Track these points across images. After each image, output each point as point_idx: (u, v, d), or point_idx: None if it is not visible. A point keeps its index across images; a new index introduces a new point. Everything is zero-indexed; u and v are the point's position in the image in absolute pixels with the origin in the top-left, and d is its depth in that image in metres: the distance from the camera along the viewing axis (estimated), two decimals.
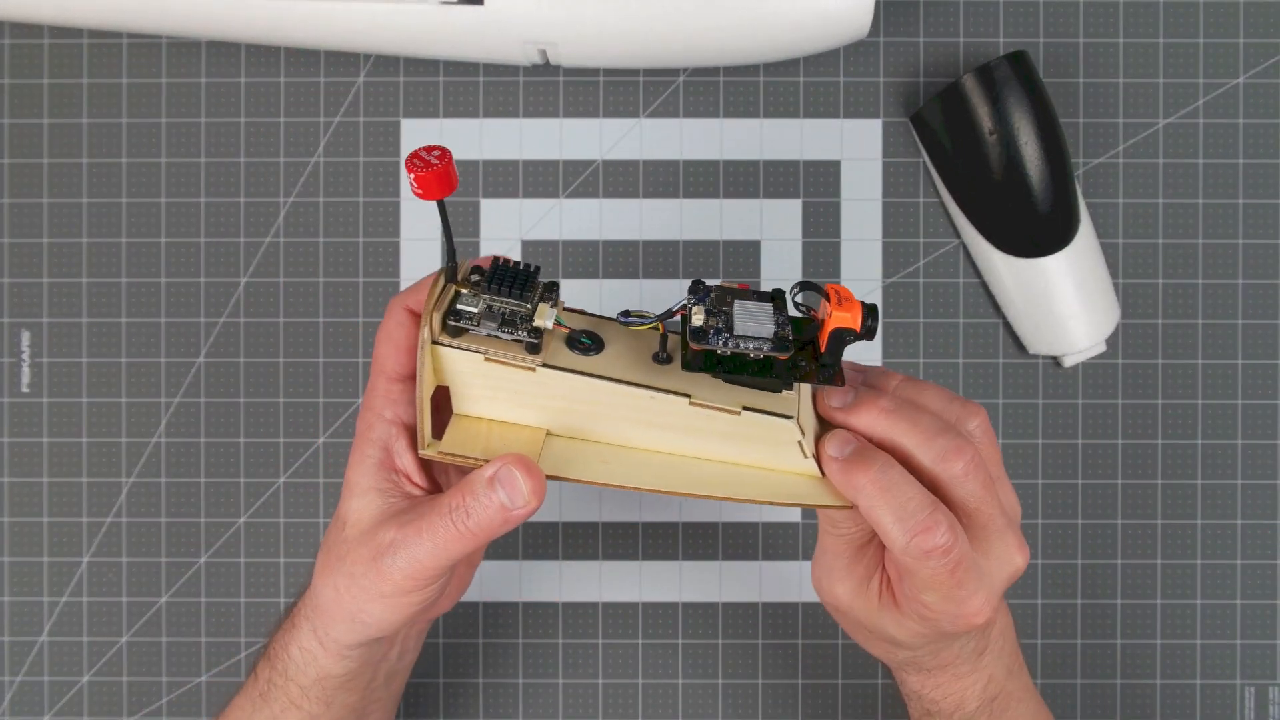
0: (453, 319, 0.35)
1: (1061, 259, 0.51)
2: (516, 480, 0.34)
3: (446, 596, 0.42)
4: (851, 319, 0.33)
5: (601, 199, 0.55)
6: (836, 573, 0.39)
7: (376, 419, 0.38)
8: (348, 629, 0.38)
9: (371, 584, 0.36)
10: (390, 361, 0.37)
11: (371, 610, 0.37)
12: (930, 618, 0.36)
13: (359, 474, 0.37)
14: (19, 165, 0.55)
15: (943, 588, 0.35)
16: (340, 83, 0.55)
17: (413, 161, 0.32)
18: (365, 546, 0.36)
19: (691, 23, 0.48)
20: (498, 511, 0.34)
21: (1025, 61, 0.50)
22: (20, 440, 0.54)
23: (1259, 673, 0.54)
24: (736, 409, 0.35)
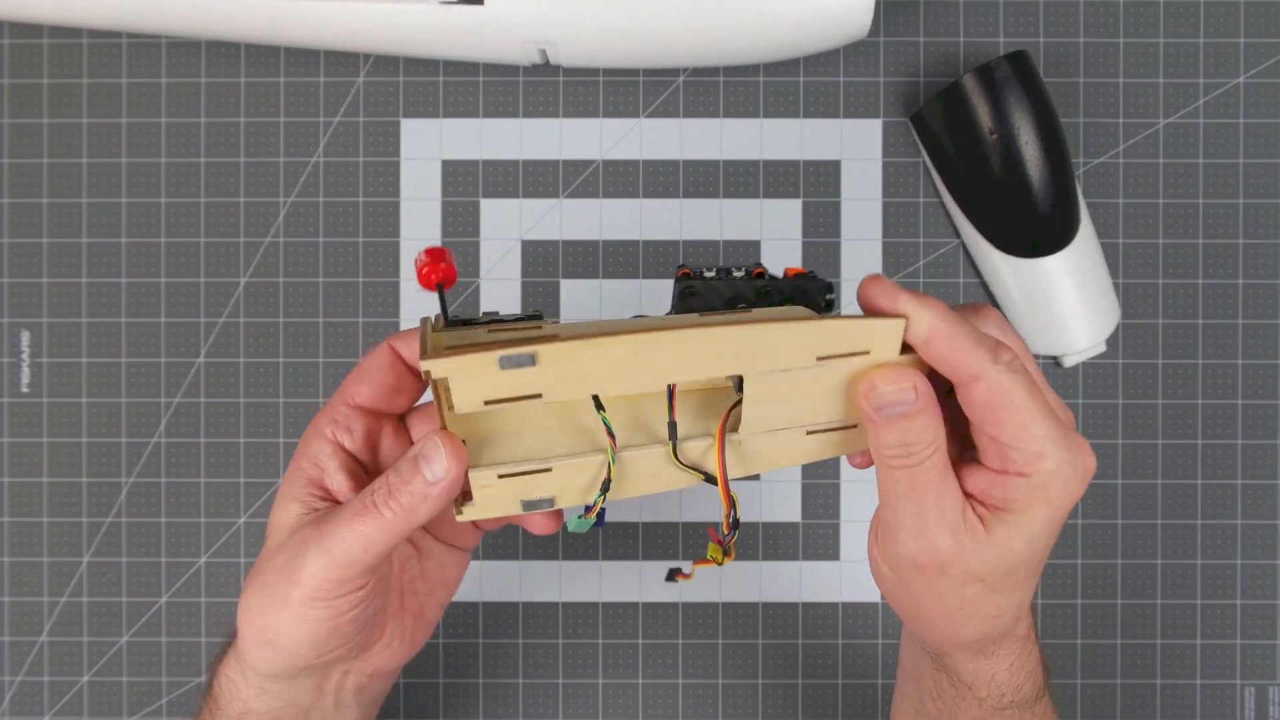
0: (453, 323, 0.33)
1: (1061, 259, 0.51)
2: (437, 452, 0.32)
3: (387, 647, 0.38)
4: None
5: (601, 199, 0.55)
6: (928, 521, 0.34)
7: (315, 436, 0.36)
8: (259, 653, 0.35)
9: (282, 590, 0.33)
10: (354, 389, 0.36)
11: (279, 624, 0.34)
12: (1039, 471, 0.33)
13: (286, 485, 0.36)
14: (19, 165, 0.55)
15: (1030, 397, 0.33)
16: (340, 83, 0.55)
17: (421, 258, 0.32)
18: (281, 553, 0.34)
19: (691, 23, 0.48)
20: (420, 485, 0.32)
21: (1025, 61, 0.50)
22: (20, 440, 0.54)
23: (1259, 673, 0.54)
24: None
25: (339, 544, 0.32)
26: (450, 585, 0.40)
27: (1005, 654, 0.38)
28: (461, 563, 0.40)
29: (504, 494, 0.33)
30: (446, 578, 0.40)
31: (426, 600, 0.40)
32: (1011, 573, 0.35)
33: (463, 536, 0.40)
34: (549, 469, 0.33)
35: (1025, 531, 0.34)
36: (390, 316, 0.55)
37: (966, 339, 0.32)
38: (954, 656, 0.38)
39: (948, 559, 0.34)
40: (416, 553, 0.40)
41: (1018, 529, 0.34)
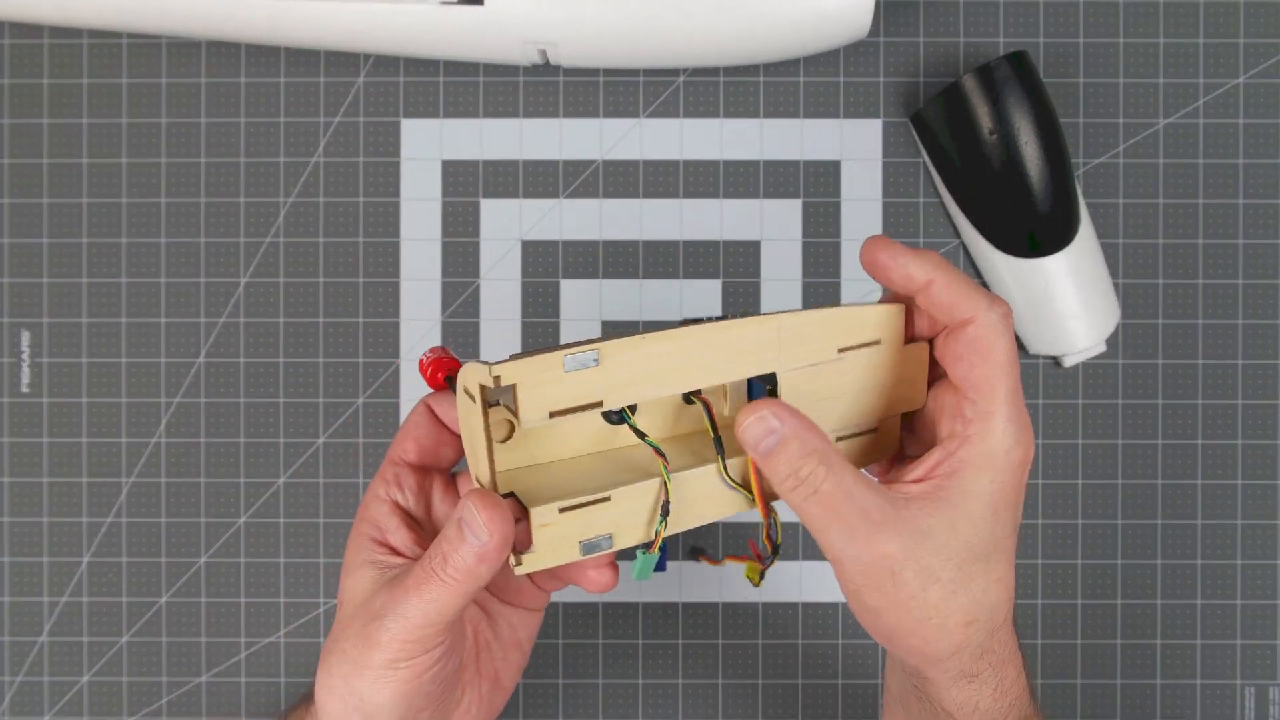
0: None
1: (1061, 259, 0.51)
2: (475, 517, 0.32)
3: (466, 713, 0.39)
4: None
5: (601, 199, 0.55)
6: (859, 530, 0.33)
7: (373, 499, 0.37)
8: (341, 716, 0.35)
9: (362, 655, 0.34)
10: (400, 446, 0.38)
11: (363, 690, 0.34)
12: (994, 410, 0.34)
13: (352, 553, 0.36)
14: (19, 165, 0.55)
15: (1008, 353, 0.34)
16: (340, 83, 0.55)
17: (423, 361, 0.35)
18: (358, 619, 0.35)
19: (691, 23, 0.48)
20: (470, 550, 0.32)
21: (1025, 61, 0.50)
22: (20, 440, 0.54)
23: (1259, 673, 0.54)
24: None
25: (413, 608, 0.33)
26: (523, 648, 0.41)
27: (988, 677, 0.36)
28: (533, 623, 0.41)
29: (563, 535, 0.33)
30: (518, 639, 0.41)
31: (502, 664, 0.40)
32: (965, 563, 0.33)
33: (528, 597, 0.40)
34: (608, 498, 0.33)
35: (966, 509, 0.33)
36: (390, 316, 0.55)
37: (966, 284, 0.34)
38: (936, 682, 0.36)
39: (895, 558, 0.33)
40: (486, 616, 0.40)
41: (958, 507, 0.33)
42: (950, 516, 0.33)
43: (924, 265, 0.34)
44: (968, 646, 0.35)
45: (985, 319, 0.34)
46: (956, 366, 0.34)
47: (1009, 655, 0.37)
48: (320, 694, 0.35)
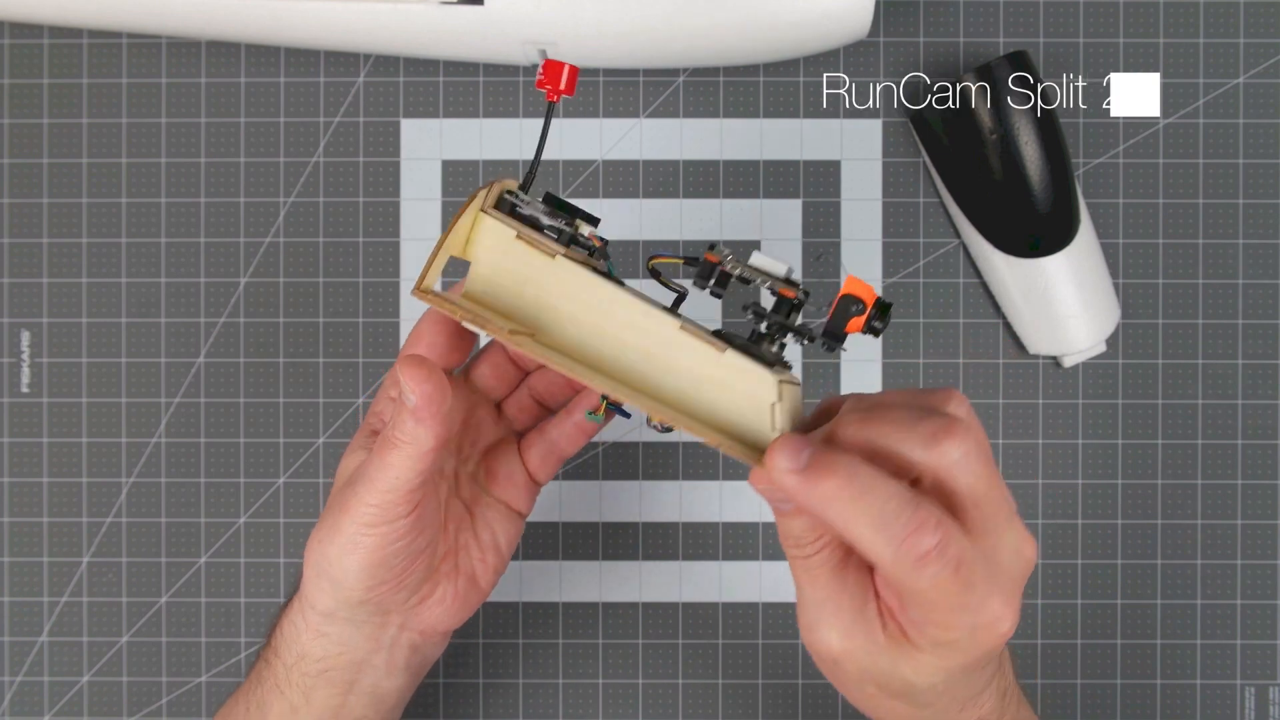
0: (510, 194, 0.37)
1: (1061, 259, 0.51)
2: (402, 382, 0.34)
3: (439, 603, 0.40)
4: (864, 293, 0.33)
5: (601, 199, 0.55)
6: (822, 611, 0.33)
7: (382, 396, 0.40)
8: (317, 585, 0.38)
9: (335, 521, 0.36)
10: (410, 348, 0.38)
11: (332, 554, 0.37)
12: (948, 640, 0.31)
13: (353, 440, 0.40)
14: (19, 165, 0.55)
15: (950, 596, 0.30)
16: (340, 83, 0.55)
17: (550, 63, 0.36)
18: (336, 488, 0.38)
19: (691, 23, 0.48)
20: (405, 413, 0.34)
21: (1025, 61, 0.50)
22: (20, 440, 0.54)
23: (1259, 673, 0.54)
24: (722, 346, 0.34)
25: (374, 471, 0.36)
26: (502, 552, 0.42)
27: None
28: (513, 528, 0.43)
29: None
30: (498, 543, 0.42)
31: (479, 565, 0.42)
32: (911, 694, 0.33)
33: (516, 494, 0.42)
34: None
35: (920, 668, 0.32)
36: (390, 316, 0.55)
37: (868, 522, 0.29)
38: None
39: (838, 656, 0.33)
40: (469, 515, 0.42)
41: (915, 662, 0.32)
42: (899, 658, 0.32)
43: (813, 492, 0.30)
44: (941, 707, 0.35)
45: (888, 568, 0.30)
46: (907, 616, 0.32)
47: None
48: (305, 562, 0.38)
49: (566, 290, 0.36)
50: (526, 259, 0.36)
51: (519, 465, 0.42)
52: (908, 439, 0.30)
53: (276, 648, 0.41)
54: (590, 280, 0.35)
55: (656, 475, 0.54)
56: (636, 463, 0.54)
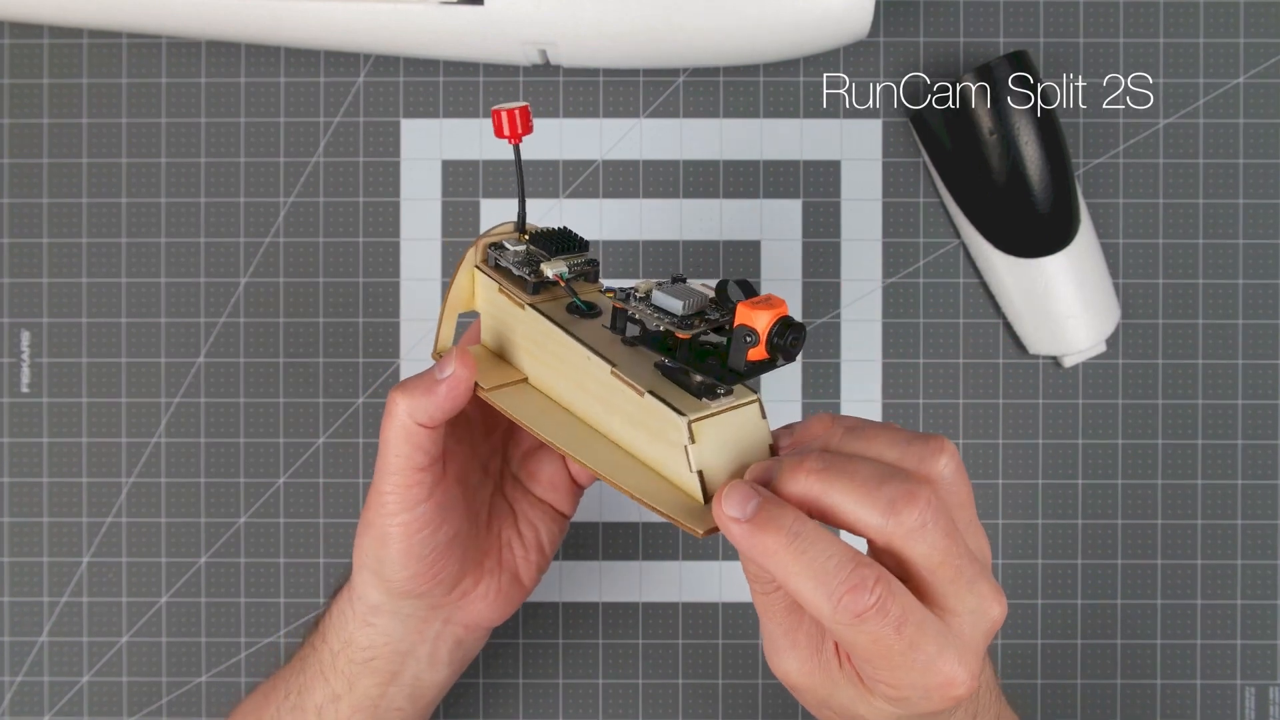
0: (493, 250, 0.38)
1: (1061, 259, 0.51)
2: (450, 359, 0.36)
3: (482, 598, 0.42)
4: (754, 319, 0.31)
5: (601, 199, 0.55)
6: (779, 643, 0.33)
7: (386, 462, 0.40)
8: (361, 578, 0.40)
9: (373, 514, 0.38)
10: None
11: (368, 546, 0.39)
12: (900, 697, 0.31)
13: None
14: (19, 165, 0.55)
15: (894, 655, 0.30)
16: (340, 83, 0.55)
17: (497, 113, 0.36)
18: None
19: (691, 23, 0.48)
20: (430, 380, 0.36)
21: (1025, 61, 0.50)
22: (20, 440, 0.54)
23: (1259, 673, 0.54)
24: (642, 391, 0.34)
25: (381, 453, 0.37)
26: (545, 550, 0.44)
27: None
28: (556, 528, 0.44)
29: None
30: (540, 542, 0.43)
31: (522, 563, 0.43)
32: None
33: (558, 496, 0.43)
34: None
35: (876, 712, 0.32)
36: (390, 317, 0.55)
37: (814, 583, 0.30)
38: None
39: (796, 685, 0.33)
40: (513, 514, 0.43)
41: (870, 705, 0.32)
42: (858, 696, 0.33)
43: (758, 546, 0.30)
44: None
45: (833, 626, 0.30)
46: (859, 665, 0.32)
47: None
48: (354, 554, 0.40)
49: (537, 338, 0.38)
50: (510, 310, 0.38)
51: (561, 467, 0.43)
52: (865, 503, 0.30)
53: (324, 633, 0.42)
54: (548, 330, 0.37)
55: None
56: None
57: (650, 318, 0.33)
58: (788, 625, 0.33)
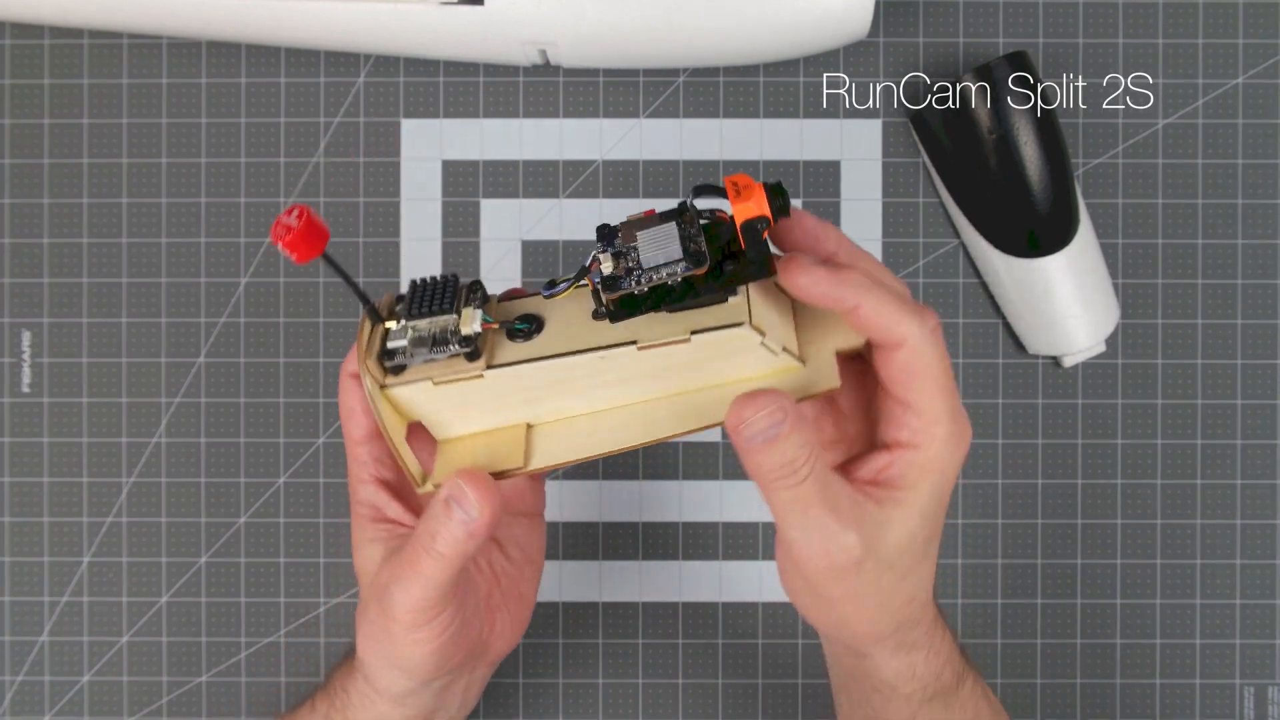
0: (388, 360, 0.34)
1: (1061, 259, 0.51)
2: (466, 495, 0.34)
3: (500, 636, 0.41)
4: (756, 205, 0.31)
5: (601, 199, 0.55)
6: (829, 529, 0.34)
7: (357, 483, 0.39)
8: (389, 676, 0.38)
9: (386, 624, 0.36)
10: (350, 426, 0.38)
11: (399, 653, 0.37)
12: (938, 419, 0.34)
13: (356, 532, 0.39)
14: (19, 165, 0.55)
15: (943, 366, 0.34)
16: (340, 83, 0.55)
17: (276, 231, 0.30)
18: (373, 591, 0.37)
19: (691, 23, 0.48)
20: (460, 528, 0.34)
21: (1025, 61, 0.50)
22: (20, 440, 0.55)
23: (1259, 672, 0.54)
24: (686, 336, 0.33)
25: (411, 584, 0.35)
26: (535, 560, 0.43)
27: (921, 643, 0.38)
28: (538, 534, 0.43)
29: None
30: (530, 555, 0.43)
31: (519, 580, 0.42)
32: (911, 551, 0.36)
33: (526, 501, 0.43)
34: None
35: (918, 506, 0.35)
36: None
37: (892, 303, 0.33)
38: (875, 658, 0.38)
39: (860, 554, 0.34)
40: (497, 545, 0.42)
41: (911, 506, 0.35)
42: (902, 513, 0.35)
43: (849, 289, 0.33)
44: (907, 622, 0.37)
45: (917, 341, 0.34)
46: (895, 385, 0.35)
47: (936, 620, 0.39)
48: (363, 653, 0.38)
49: (517, 388, 0.35)
50: (466, 390, 0.34)
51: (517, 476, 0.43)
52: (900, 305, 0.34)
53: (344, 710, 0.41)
54: (531, 371, 0.34)
55: (656, 475, 0.54)
56: (636, 463, 0.54)
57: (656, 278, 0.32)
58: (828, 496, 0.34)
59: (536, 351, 0.34)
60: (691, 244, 0.32)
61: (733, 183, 0.32)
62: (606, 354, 0.34)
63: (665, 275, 0.32)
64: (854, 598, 0.36)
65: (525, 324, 0.35)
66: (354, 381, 0.37)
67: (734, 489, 0.54)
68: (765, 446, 0.33)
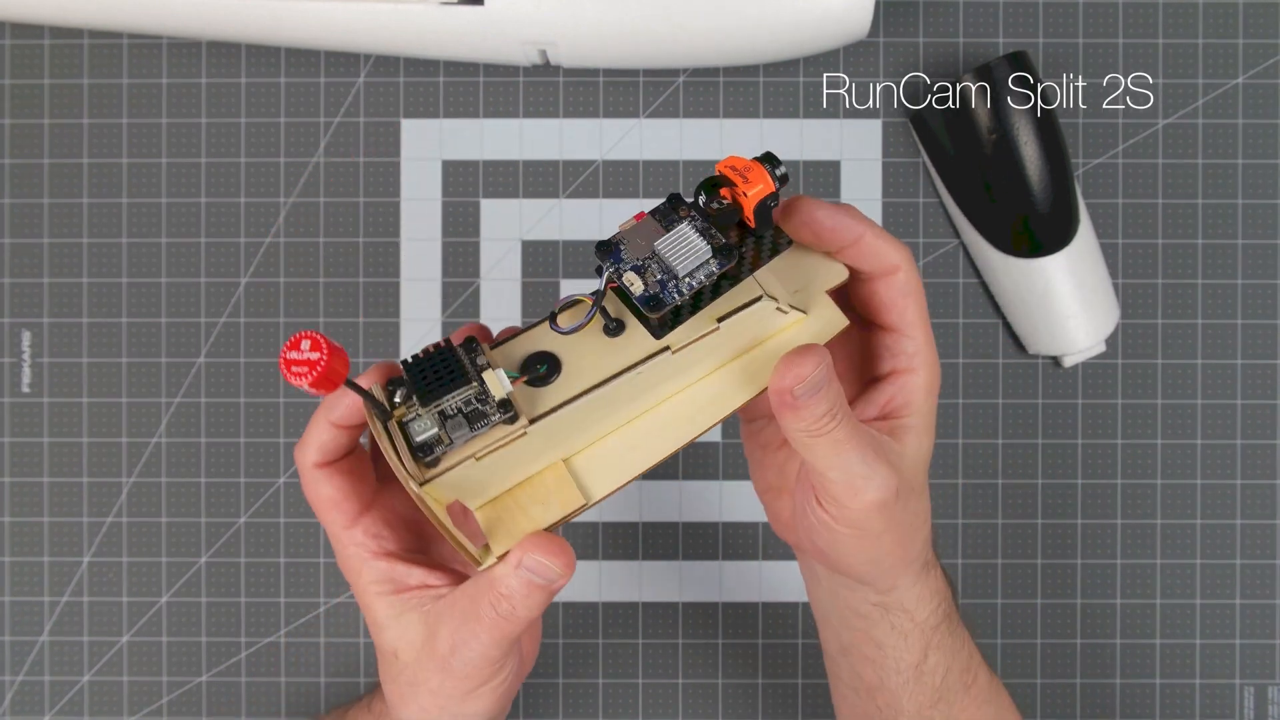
0: (423, 454, 0.31)
1: (1061, 259, 0.51)
2: (543, 564, 0.33)
3: (529, 656, 0.42)
4: (764, 185, 0.32)
5: (601, 199, 0.55)
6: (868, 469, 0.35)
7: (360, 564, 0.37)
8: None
9: (454, 688, 0.36)
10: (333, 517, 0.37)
11: (468, 708, 0.37)
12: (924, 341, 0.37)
13: (379, 611, 0.37)
14: (20, 165, 0.55)
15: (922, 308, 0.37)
16: (340, 83, 0.55)
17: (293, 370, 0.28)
18: (430, 661, 0.36)
19: (691, 23, 0.48)
20: (541, 593, 0.34)
21: (1025, 61, 0.50)
22: (20, 440, 0.55)
23: (1259, 672, 0.54)
24: (714, 325, 0.33)
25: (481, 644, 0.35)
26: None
27: (934, 560, 0.41)
28: None
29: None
30: None
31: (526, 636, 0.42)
32: (926, 469, 0.38)
33: None
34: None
35: (926, 426, 0.37)
36: (390, 316, 0.55)
37: (885, 234, 0.36)
38: (899, 590, 0.39)
39: (897, 483, 0.36)
40: None
41: (920, 428, 0.37)
42: (915, 438, 0.37)
43: (854, 221, 0.36)
44: (929, 538, 0.40)
45: (908, 265, 0.36)
46: (891, 310, 0.37)
47: None
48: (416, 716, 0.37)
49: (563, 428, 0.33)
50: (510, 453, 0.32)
51: None
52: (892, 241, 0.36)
53: None
54: (578, 408, 0.33)
55: (656, 475, 0.54)
56: None
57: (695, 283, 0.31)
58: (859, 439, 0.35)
59: (572, 389, 0.33)
60: (712, 239, 0.32)
61: (730, 167, 0.32)
62: (640, 371, 0.33)
63: (703, 278, 0.31)
64: (895, 527, 0.37)
65: (544, 365, 0.33)
66: (321, 471, 0.36)
67: (734, 489, 0.54)
68: (812, 400, 0.33)
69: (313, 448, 0.36)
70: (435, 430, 0.31)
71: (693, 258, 0.31)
